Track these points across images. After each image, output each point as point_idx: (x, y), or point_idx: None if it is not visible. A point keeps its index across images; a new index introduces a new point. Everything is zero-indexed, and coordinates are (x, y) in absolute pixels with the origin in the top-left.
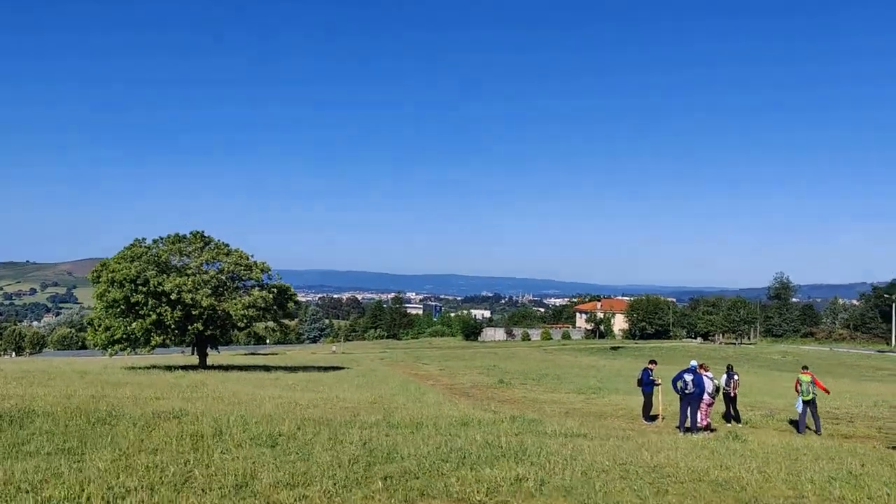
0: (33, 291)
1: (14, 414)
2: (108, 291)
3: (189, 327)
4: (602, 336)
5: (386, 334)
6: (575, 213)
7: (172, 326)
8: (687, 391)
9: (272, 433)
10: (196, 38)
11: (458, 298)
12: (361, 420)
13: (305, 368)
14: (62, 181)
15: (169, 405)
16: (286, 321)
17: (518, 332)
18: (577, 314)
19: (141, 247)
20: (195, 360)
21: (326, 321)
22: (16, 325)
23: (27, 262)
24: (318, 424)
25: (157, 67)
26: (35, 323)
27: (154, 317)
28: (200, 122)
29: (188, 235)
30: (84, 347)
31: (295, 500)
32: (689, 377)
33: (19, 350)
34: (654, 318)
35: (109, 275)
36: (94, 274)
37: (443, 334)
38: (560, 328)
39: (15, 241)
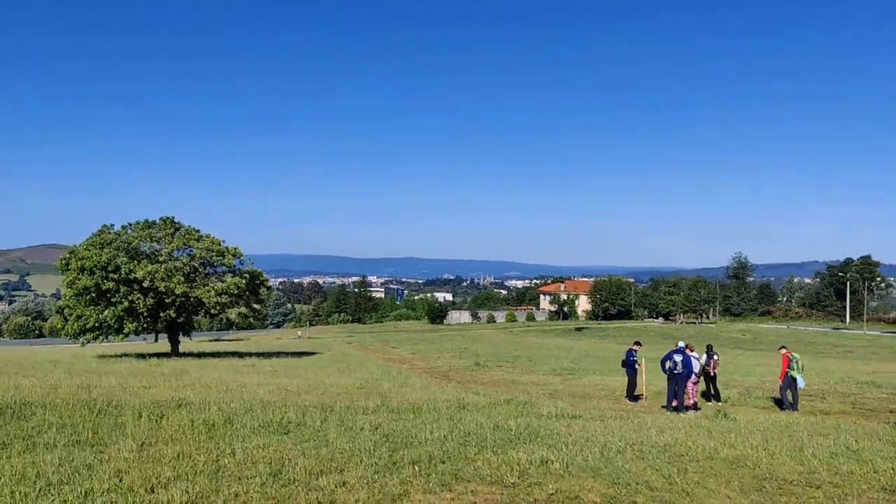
0: None
1: (13, 406)
2: (79, 279)
3: (161, 314)
4: (566, 317)
5: (350, 318)
6: (534, 196)
7: (145, 314)
8: (676, 371)
9: (281, 420)
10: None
11: (420, 282)
12: (361, 405)
13: (278, 354)
14: (12, 167)
15: (161, 394)
16: (257, 307)
17: (483, 314)
18: (541, 296)
19: (109, 233)
20: (164, 347)
21: (289, 306)
22: None
23: None
24: (321, 411)
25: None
26: None
27: (126, 304)
28: (158, 114)
29: (158, 221)
30: (41, 336)
31: (335, 486)
32: (678, 357)
33: None
34: (616, 298)
35: (79, 262)
36: (63, 261)
37: (407, 318)
38: (524, 310)
39: None
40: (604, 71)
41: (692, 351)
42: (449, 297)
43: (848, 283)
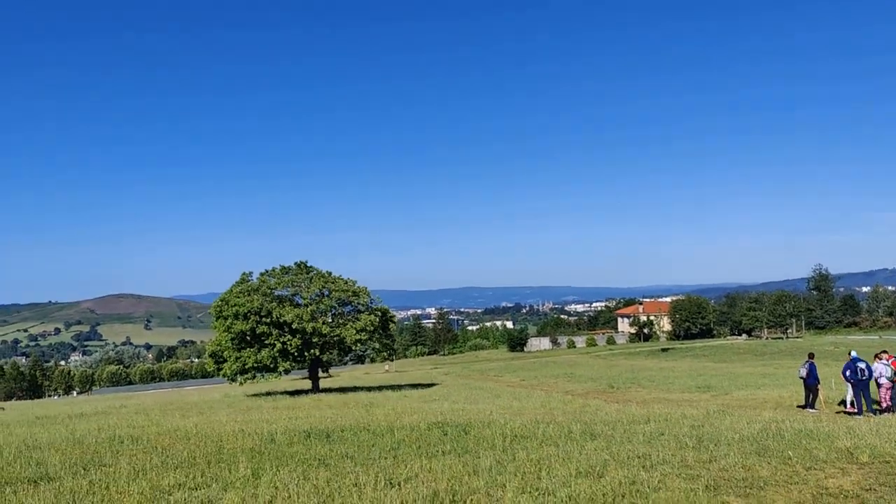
0: (57, 331)
1: (335, 431)
2: (235, 324)
3: (306, 353)
4: (646, 338)
5: (427, 351)
6: (588, 219)
7: (295, 353)
8: (863, 378)
9: (574, 431)
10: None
11: (479, 311)
12: (602, 419)
13: (401, 387)
14: (77, 219)
15: (409, 419)
16: (388, 341)
17: (563, 339)
18: (619, 318)
19: (250, 281)
20: (298, 383)
21: None
22: (58, 365)
23: (49, 302)
24: (582, 423)
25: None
26: (63, 362)
27: (280, 345)
28: (184, 158)
29: (293, 266)
30: (131, 383)
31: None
32: (861, 365)
33: (68, 389)
34: (696, 317)
35: (232, 309)
36: (217, 309)
37: (483, 347)
38: (604, 333)
39: (36, 283)
40: (648, 80)
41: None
42: (510, 324)
43: None
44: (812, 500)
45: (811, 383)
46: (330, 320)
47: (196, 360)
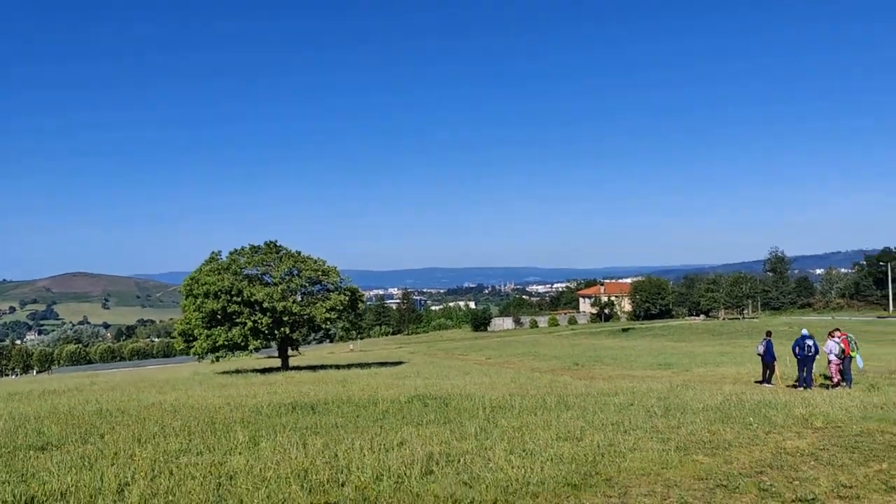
0: (12, 310)
1: (322, 404)
2: (205, 303)
3: (276, 331)
4: (608, 319)
5: (391, 330)
6: (548, 199)
7: (265, 332)
8: (809, 354)
9: (547, 404)
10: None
11: (442, 291)
12: (573, 391)
13: (369, 365)
14: (34, 198)
15: (388, 392)
16: (356, 321)
17: (526, 320)
18: (581, 299)
19: (220, 260)
20: (266, 362)
21: None
22: (14, 344)
23: (3, 280)
24: (555, 396)
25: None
26: (18, 341)
27: (251, 324)
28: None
29: (262, 246)
30: (91, 362)
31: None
32: (809, 342)
33: (27, 368)
34: (656, 298)
35: (202, 287)
36: (187, 287)
37: (447, 327)
38: (565, 314)
39: None
40: (606, 74)
41: (832, 337)
42: (472, 304)
43: (889, 271)
44: (772, 458)
45: (768, 360)
46: (300, 299)
47: (156, 339)
